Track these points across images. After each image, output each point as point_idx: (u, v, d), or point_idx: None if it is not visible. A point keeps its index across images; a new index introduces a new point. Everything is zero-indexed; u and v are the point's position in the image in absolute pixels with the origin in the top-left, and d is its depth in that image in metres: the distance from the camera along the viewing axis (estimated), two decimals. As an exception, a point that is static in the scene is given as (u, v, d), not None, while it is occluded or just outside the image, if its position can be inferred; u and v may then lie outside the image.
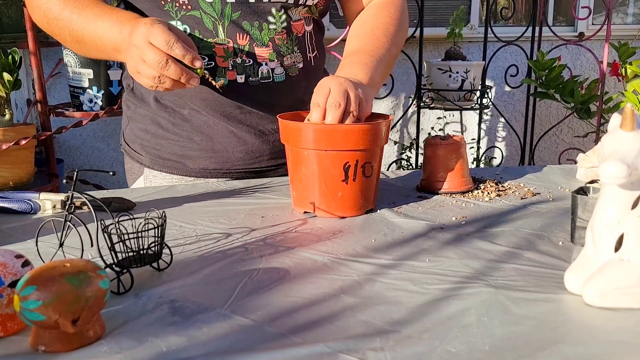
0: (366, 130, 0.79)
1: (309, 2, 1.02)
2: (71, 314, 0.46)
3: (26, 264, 0.51)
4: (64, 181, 2.61)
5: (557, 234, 0.74)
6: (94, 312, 0.48)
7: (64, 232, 0.61)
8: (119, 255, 0.60)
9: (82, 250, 0.62)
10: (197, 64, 0.82)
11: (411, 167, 3.03)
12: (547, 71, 2.52)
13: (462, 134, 2.46)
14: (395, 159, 3.25)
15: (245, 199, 0.91)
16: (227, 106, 1.00)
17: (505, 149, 3.42)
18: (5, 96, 2.05)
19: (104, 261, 0.59)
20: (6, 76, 2.00)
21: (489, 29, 2.82)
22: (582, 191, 0.72)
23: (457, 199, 0.91)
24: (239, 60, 0.97)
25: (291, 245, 0.71)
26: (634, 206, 0.54)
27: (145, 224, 0.62)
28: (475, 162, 3.01)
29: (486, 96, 2.83)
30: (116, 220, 0.59)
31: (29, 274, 0.47)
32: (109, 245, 0.59)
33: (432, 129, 3.27)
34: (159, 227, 0.62)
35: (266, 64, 0.99)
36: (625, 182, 0.51)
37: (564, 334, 0.49)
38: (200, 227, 0.78)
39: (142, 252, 0.61)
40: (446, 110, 2.85)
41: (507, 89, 3.25)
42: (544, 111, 3.37)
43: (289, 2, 0.99)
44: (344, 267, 0.64)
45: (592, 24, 3.37)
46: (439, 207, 0.87)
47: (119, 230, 0.59)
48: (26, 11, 2.12)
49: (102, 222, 0.58)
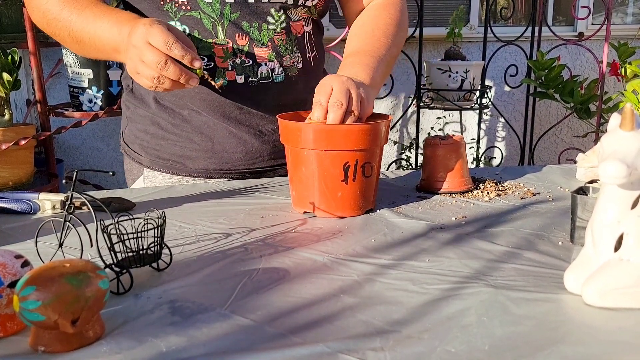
0: (366, 130, 0.79)
1: (308, 3, 1.02)
2: (71, 314, 0.46)
3: (26, 264, 0.51)
4: (64, 181, 2.61)
5: (556, 233, 0.74)
6: (93, 312, 0.48)
7: (64, 233, 0.61)
8: (119, 255, 0.60)
9: (82, 250, 0.62)
10: (197, 65, 0.82)
11: (411, 167, 3.03)
12: (546, 71, 2.52)
13: (461, 134, 2.46)
14: (395, 159, 3.25)
15: (244, 199, 0.91)
16: (227, 106, 1.00)
17: (504, 149, 3.43)
18: (4, 96, 2.05)
19: (104, 261, 0.59)
20: (6, 76, 2.00)
21: (489, 28, 2.82)
22: (582, 191, 0.72)
23: (457, 199, 0.91)
24: (238, 60, 0.97)
25: (291, 245, 0.71)
26: (634, 206, 0.54)
27: (144, 224, 0.62)
28: (475, 162, 3.02)
29: (486, 96, 2.83)
30: (116, 220, 0.59)
31: (28, 274, 0.46)
32: (109, 245, 0.59)
33: (432, 128, 3.27)
34: (159, 228, 0.62)
35: (265, 65, 0.99)
36: (625, 182, 0.51)
37: (564, 334, 0.49)
38: (199, 227, 0.78)
39: (141, 252, 0.61)
40: (446, 110, 2.85)
41: (507, 88, 3.25)
42: (543, 111, 3.37)
43: (288, 2, 0.99)
44: (343, 267, 0.64)
45: (592, 24, 3.37)
46: (438, 207, 0.87)
47: (118, 230, 0.59)
48: (26, 11, 2.12)
49: (101, 222, 0.58)
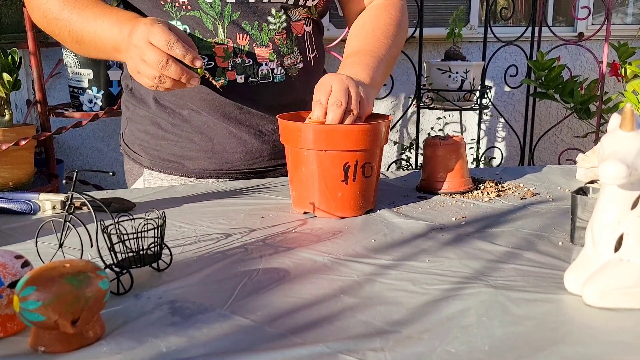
0: (366, 130, 0.79)
1: (309, 3, 1.02)
2: (71, 315, 0.46)
3: (26, 264, 0.51)
4: (64, 181, 2.61)
5: (556, 234, 0.74)
6: (93, 312, 0.48)
7: (64, 233, 0.61)
8: (119, 255, 0.60)
9: (82, 250, 0.62)
10: (198, 64, 0.82)
11: (411, 167, 3.03)
12: (546, 71, 2.52)
13: (461, 134, 2.46)
14: (395, 159, 3.25)
15: (244, 199, 0.91)
16: (227, 106, 1.00)
17: (504, 149, 3.43)
18: (5, 96, 2.05)
19: (104, 262, 0.59)
20: (6, 76, 2.00)
21: (489, 29, 2.82)
22: (582, 191, 0.72)
23: (457, 199, 0.91)
24: (238, 60, 0.97)
25: (291, 245, 0.71)
26: (634, 206, 0.54)
27: (145, 225, 0.62)
28: (475, 163, 3.02)
29: (486, 96, 2.83)
30: (116, 220, 0.59)
31: (28, 275, 0.47)
32: (109, 245, 0.59)
33: (432, 129, 3.27)
34: (159, 228, 0.62)
35: (266, 64, 0.99)
36: (625, 182, 0.51)
37: (564, 334, 0.49)
38: (200, 228, 0.78)
39: (141, 252, 0.61)
40: (446, 110, 2.85)
41: (507, 89, 3.25)
42: (543, 111, 3.37)
43: (288, 2, 0.99)
44: (343, 268, 0.64)
45: (592, 24, 3.37)
46: (438, 208, 0.87)
47: (118, 230, 0.59)
48: (26, 11, 2.12)
49: (101, 222, 0.58)
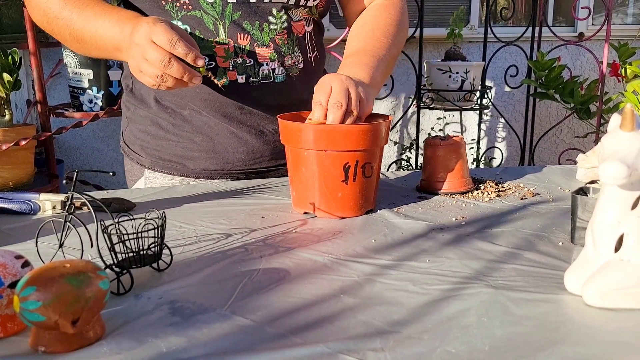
0: (366, 130, 0.79)
1: (310, 3, 1.02)
2: (71, 315, 0.46)
3: (26, 264, 0.51)
4: (64, 182, 2.61)
5: (557, 234, 0.74)
6: (93, 312, 0.48)
7: (64, 233, 0.61)
8: (119, 255, 0.60)
9: (82, 250, 0.62)
10: (200, 63, 0.82)
11: (411, 167, 3.03)
12: (547, 71, 2.52)
13: (462, 135, 2.46)
14: (395, 159, 3.25)
15: (245, 199, 0.91)
16: (228, 106, 1.00)
17: (505, 150, 3.43)
18: (5, 97, 2.05)
19: (104, 262, 0.59)
20: (6, 77, 2.00)
21: (489, 29, 2.82)
22: (582, 191, 0.72)
23: (457, 199, 0.91)
24: (239, 60, 0.97)
25: (291, 245, 0.71)
26: (634, 206, 0.54)
27: (145, 225, 0.62)
28: (475, 163, 3.01)
29: (486, 96, 2.83)
30: (116, 220, 0.59)
31: (28, 275, 0.47)
32: (109, 245, 0.59)
33: (432, 129, 3.27)
34: (159, 228, 0.62)
35: (267, 64, 0.99)
36: (625, 182, 0.51)
37: (564, 335, 0.49)
38: (200, 228, 0.78)
39: (142, 252, 0.61)
40: (446, 110, 2.85)
41: (507, 89, 3.25)
42: (543, 111, 3.37)
43: (289, 2, 0.99)
44: (344, 268, 0.64)
45: (592, 24, 3.37)
46: (438, 208, 0.87)
47: (118, 230, 0.59)
48: (26, 12, 2.12)
49: (102, 222, 0.58)
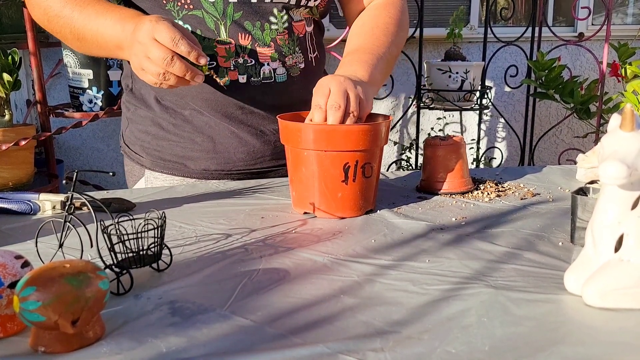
0: (366, 130, 0.79)
1: (311, 3, 1.02)
2: (71, 315, 0.46)
3: (26, 264, 0.51)
4: (64, 182, 2.61)
5: (557, 234, 0.74)
6: (93, 312, 0.48)
7: (64, 233, 0.61)
8: (119, 256, 0.60)
9: (82, 251, 0.62)
10: (202, 61, 0.82)
11: (411, 167, 3.03)
12: (546, 71, 2.52)
13: (461, 135, 2.46)
14: (395, 159, 3.25)
15: (244, 199, 0.91)
16: (229, 106, 1.00)
17: (505, 150, 3.43)
18: (5, 97, 2.05)
19: (104, 262, 0.59)
20: (6, 77, 2.00)
21: (489, 29, 2.82)
22: (582, 192, 0.72)
23: (457, 199, 0.91)
24: (240, 60, 0.97)
25: (291, 245, 0.71)
26: (634, 206, 0.54)
27: (144, 225, 0.62)
28: (475, 163, 3.01)
29: (486, 96, 2.83)
30: (116, 221, 0.59)
31: (28, 275, 0.46)
32: (109, 246, 0.59)
33: (432, 129, 3.27)
34: (159, 228, 0.62)
35: (268, 64, 0.99)
36: (625, 182, 0.51)
37: (564, 335, 0.49)
38: (200, 228, 0.78)
39: (141, 252, 0.61)
40: (446, 110, 2.85)
41: (507, 89, 3.25)
42: (543, 111, 3.37)
43: (290, 2, 0.99)
44: (343, 268, 0.64)
45: (592, 24, 3.37)
46: (438, 208, 0.87)
47: (118, 231, 0.59)
48: (26, 12, 2.12)
49: (101, 222, 0.58)
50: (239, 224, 0.79)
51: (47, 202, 0.84)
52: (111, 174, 0.62)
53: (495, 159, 3.29)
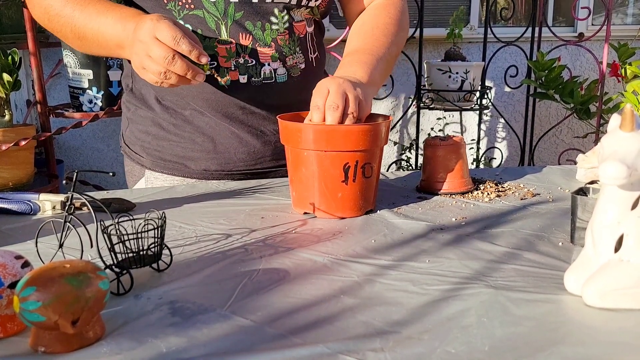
0: (366, 131, 0.79)
1: (312, 4, 1.02)
2: (71, 315, 0.46)
3: (26, 264, 0.51)
4: (64, 182, 2.61)
5: (557, 234, 0.74)
6: (93, 313, 0.48)
7: (64, 233, 0.61)
8: (119, 256, 0.60)
9: (82, 251, 0.62)
10: (203, 60, 0.82)
11: (411, 167, 3.03)
12: (546, 72, 2.52)
13: (461, 135, 2.46)
14: (395, 159, 3.25)
15: (245, 199, 0.91)
16: (229, 106, 1.00)
17: (505, 150, 3.43)
18: (5, 97, 2.05)
19: (104, 262, 0.59)
20: (6, 77, 2.00)
21: (489, 29, 2.82)
22: (582, 192, 0.72)
23: (457, 199, 0.91)
24: (241, 60, 0.97)
25: (291, 246, 0.71)
26: (634, 207, 0.54)
27: (145, 225, 0.62)
28: (475, 163, 3.01)
29: (486, 97, 2.83)
30: (116, 221, 0.59)
31: (28, 275, 0.47)
32: (109, 246, 0.59)
33: (432, 129, 3.27)
34: (159, 228, 0.62)
35: (269, 65, 0.99)
36: (625, 182, 0.51)
37: (564, 335, 0.49)
38: (200, 228, 0.78)
39: (141, 253, 0.61)
40: (446, 110, 2.85)
41: (507, 89, 3.25)
42: (543, 112, 3.37)
43: (291, 2, 0.99)
44: (343, 268, 0.64)
45: (592, 25, 3.37)
46: (438, 208, 0.87)
47: (118, 231, 0.59)
48: (26, 12, 2.12)
49: (101, 223, 0.58)
50: (239, 224, 0.79)
51: (47, 202, 0.84)
52: (111, 174, 0.62)
53: (495, 159, 3.29)
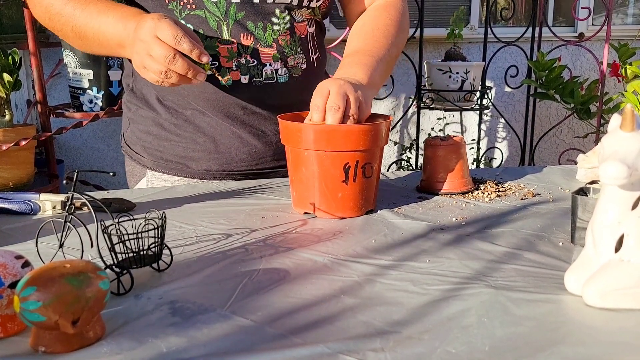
0: (366, 130, 0.79)
1: (313, 4, 1.02)
2: (71, 315, 0.46)
3: (26, 264, 0.51)
4: (64, 182, 2.61)
5: (557, 234, 0.74)
6: (94, 312, 0.48)
7: (64, 233, 0.61)
8: (119, 256, 0.60)
9: (82, 251, 0.62)
10: (204, 59, 0.82)
11: (411, 167, 3.03)
12: (547, 72, 2.52)
13: (462, 135, 2.46)
14: (395, 159, 3.25)
15: (245, 199, 0.91)
16: (231, 107, 1.00)
17: (505, 150, 3.42)
18: (5, 97, 2.05)
19: (104, 262, 0.59)
20: (6, 77, 2.00)
21: (489, 29, 2.82)
22: (582, 192, 0.72)
23: (457, 199, 0.91)
24: (243, 60, 0.97)
25: (291, 245, 0.71)
26: (634, 207, 0.54)
27: (145, 225, 0.62)
28: (475, 163, 3.01)
29: (486, 97, 2.83)
30: (116, 221, 0.59)
31: (28, 275, 0.47)
32: (109, 246, 0.59)
33: (432, 129, 3.27)
34: (159, 228, 0.62)
35: (270, 65, 0.99)
36: (625, 182, 0.51)
37: (564, 335, 0.49)
38: (200, 228, 0.78)
39: (142, 252, 0.61)
40: (446, 110, 2.85)
41: (507, 89, 3.25)
42: (544, 112, 3.37)
43: (292, 3, 0.99)
44: (344, 268, 0.64)
45: (592, 25, 3.37)
46: (439, 208, 0.87)
47: (119, 231, 0.59)
48: (26, 12, 2.12)
49: (102, 222, 0.58)
50: (240, 224, 0.79)
51: (48, 202, 0.84)
52: (111, 174, 0.62)
53: (495, 159, 3.29)
